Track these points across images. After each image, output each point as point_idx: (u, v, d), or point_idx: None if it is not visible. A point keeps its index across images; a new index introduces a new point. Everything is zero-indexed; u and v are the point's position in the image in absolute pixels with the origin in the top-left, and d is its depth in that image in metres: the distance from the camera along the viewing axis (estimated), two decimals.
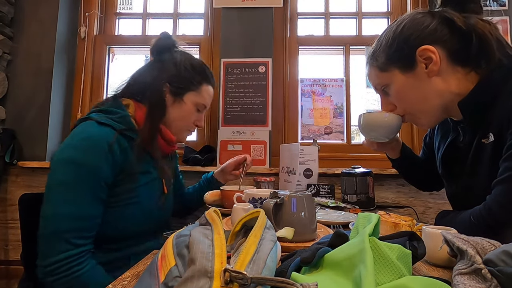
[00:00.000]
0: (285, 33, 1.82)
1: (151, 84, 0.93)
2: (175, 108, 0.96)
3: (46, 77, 1.70)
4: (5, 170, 1.63)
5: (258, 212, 0.41)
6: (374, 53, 0.82)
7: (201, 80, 0.99)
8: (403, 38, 0.75)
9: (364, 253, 0.35)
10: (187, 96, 0.97)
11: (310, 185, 1.41)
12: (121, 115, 0.86)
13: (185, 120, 0.98)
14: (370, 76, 0.86)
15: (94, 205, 0.77)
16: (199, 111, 1.01)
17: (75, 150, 0.77)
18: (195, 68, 0.98)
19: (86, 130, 0.81)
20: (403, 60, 0.76)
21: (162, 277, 0.32)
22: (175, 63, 0.96)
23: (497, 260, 0.36)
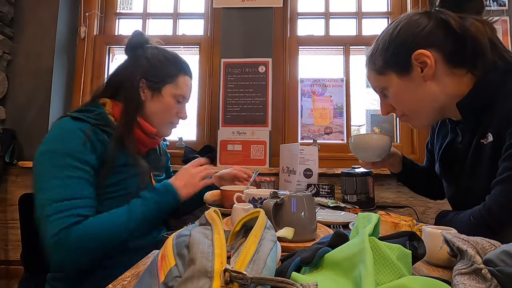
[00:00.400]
0: (285, 33, 1.82)
1: (125, 80, 0.95)
2: (154, 102, 0.97)
3: (46, 77, 1.70)
4: (5, 170, 1.63)
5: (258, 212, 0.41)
6: (372, 56, 0.83)
7: (177, 71, 1.00)
8: (399, 41, 0.76)
9: (364, 253, 0.35)
10: (165, 89, 0.98)
11: (310, 185, 1.41)
12: (97, 113, 0.89)
13: (166, 113, 0.99)
14: (369, 78, 0.87)
15: (77, 185, 0.79)
16: (180, 102, 1.02)
17: (52, 142, 0.82)
18: (169, 60, 0.99)
19: (61, 124, 0.85)
20: (400, 64, 0.77)
21: (162, 277, 0.32)
22: (148, 58, 0.97)
23: (497, 260, 0.36)
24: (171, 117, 1.01)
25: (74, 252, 0.74)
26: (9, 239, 1.63)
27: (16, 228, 1.63)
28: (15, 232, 1.63)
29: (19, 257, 0.97)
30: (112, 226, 0.80)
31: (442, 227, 0.59)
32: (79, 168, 0.80)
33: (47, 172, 0.78)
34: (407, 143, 1.74)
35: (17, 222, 0.98)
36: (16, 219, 1.59)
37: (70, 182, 0.78)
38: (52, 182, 0.77)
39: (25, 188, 1.61)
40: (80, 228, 0.75)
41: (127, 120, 0.91)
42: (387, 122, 2.31)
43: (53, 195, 0.76)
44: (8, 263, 1.61)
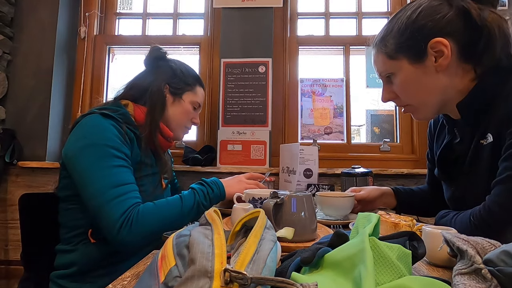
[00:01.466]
0: (285, 33, 1.82)
1: (151, 85, 1.03)
2: (175, 106, 1.07)
3: (46, 77, 1.70)
4: (5, 170, 1.63)
5: (258, 212, 0.41)
6: (383, 38, 0.78)
7: (195, 82, 1.12)
8: (417, 26, 0.72)
9: (364, 253, 0.35)
10: (185, 96, 1.08)
11: (310, 185, 1.41)
12: (121, 112, 0.94)
13: (184, 117, 1.09)
14: (376, 61, 0.82)
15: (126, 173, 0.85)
16: (195, 109, 1.13)
17: (91, 136, 0.85)
18: (189, 71, 1.12)
19: (93, 120, 0.88)
20: (414, 50, 0.73)
21: (162, 277, 0.32)
22: (172, 66, 1.08)
23: (497, 260, 0.36)
24: (187, 122, 1.11)
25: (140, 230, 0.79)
26: (9, 239, 1.63)
27: (16, 228, 1.63)
28: (15, 232, 1.63)
29: (19, 257, 0.97)
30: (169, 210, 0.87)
31: (442, 227, 0.59)
32: (122, 158, 0.85)
33: (95, 164, 0.82)
34: (407, 143, 1.74)
35: (17, 222, 0.98)
36: (16, 219, 1.59)
37: (119, 170, 0.83)
38: (104, 172, 0.81)
39: (25, 188, 1.62)
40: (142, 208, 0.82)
41: (153, 121, 0.98)
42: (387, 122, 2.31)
43: (109, 182, 0.81)
44: (8, 263, 1.61)
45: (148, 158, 0.97)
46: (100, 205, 0.79)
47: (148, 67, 1.10)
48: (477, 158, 0.74)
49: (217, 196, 0.98)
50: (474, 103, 0.73)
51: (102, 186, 0.80)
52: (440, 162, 0.87)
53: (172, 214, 0.87)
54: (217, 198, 0.98)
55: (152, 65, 1.09)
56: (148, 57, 1.10)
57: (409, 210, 1.05)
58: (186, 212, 0.88)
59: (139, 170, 0.92)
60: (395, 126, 1.84)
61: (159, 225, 0.83)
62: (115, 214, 0.78)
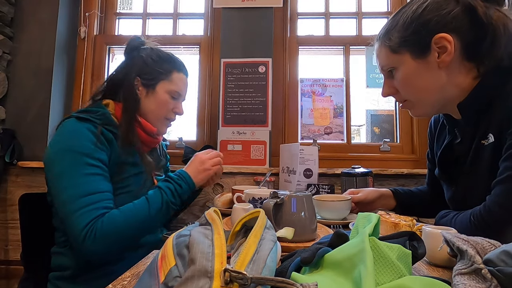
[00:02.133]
0: (285, 33, 1.82)
1: (123, 80, 0.99)
2: (149, 98, 1.00)
3: (46, 77, 1.70)
4: (5, 170, 1.63)
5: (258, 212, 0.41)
6: (388, 32, 0.78)
7: (171, 68, 1.03)
8: (423, 21, 0.72)
9: (364, 253, 0.35)
10: (159, 86, 1.01)
11: (310, 185, 1.41)
12: (101, 113, 0.92)
13: (161, 108, 1.02)
14: (379, 55, 0.82)
15: (97, 181, 0.83)
16: (175, 98, 1.04)
17: (65, 141, 0.85)
18: (162, 58, 1.03)
19: (68, 125, 0.88)
20: (418, 45, 0.73)
21: (162, 277, 0.32)
22: (142, 57, 1.01)
23: (497, 260, 0.36)
24: (167, 113, 1.04)
25: (105, 240, 0.78)
26: (9, 239, 1.63)
27: (16, 228, 1.62)
28: (15, 232, 1.63)
29: (19, 257, 0.97)
30: (135, 217, 0.83)
31: (442, 227, 0.59)
32: (95, 165, 0.83)
33: (66, 170, 0.81)
34: (407, 143, 1.74)
35: (17, 222, 0.98)
36: (16, 219, 1.59)
37: (89, 179, 0.81)
38: (74, 180, 0.80)
39: (25, 188, 1.61)
40: (107, 218, 0.79)
41: (127, 118, 0.94)
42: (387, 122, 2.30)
43: (78, 191, 0.79)
44: (8, 263, 1.61)
45: (132, 157, 0.93)
46: (67, 214, 0.79)
47: (125, 58, 1.06)
48: (477, 158, 0.74)
49: (186, 191, 0.94)
50: (475, 103, 0.73)
51: (71, 195, 0.79)
52: (440, 163, 0.87)
53: (139, 218, 0.84)
54: (186, 193, 0.94)
55: (127, 57, 1.05)
56: (125, 49, 1.05)
57: (409, 211, 1.04)
58: (154, 214, 0.85)
59: (121, 171, 0.90)
60: (395, 126, 1.83)
61: (125, 233, 0.82)
62: (79, 224, 0.77)
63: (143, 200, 0.86)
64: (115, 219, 0.80)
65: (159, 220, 0.89)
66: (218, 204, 1.14)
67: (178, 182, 0.92)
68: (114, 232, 0.80)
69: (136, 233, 0.85)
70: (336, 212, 0.97)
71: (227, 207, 1.13)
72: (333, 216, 0.96)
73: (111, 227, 0.79)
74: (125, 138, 0.91)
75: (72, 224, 0.78)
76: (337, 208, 0.97)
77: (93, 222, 0.78)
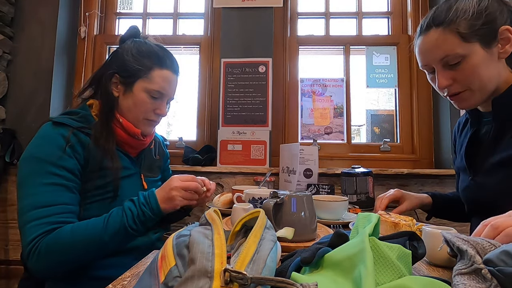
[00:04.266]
0: (285, 33, 1.82)
1: (102, 77, 0.93)
2: (127, 98, 0.92)
3: (46, 77, 1.70)
4: (5, 170, 1.63)
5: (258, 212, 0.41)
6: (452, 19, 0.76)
7: (151, 65, 0.92)
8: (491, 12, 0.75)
9: (364, 253, 0.35)
10: (137, 85, 0.92)
11: (310, 185, 1.41)
12: (81, 115, 0.88)
13: (139, 109, 0.92)
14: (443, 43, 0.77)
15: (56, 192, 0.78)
16: (155, 98, 0.94)
17: (31, 148, 0.82)
18: (142, 53, 0.93)
19: (42, 130, 0.85)
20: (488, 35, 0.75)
21: (162, 277, 0.32)
22: (123, 52, 0.93)
23: (497, 260, 0.36)
24: (146, 114, 0.94)
25: (45, 261, 0.73)
26: (9, 239, 1.63)
27: (16, 228, 1.62)
28: (15, 232, 1.62)
29: (19, 257, 0.97)
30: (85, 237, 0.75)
31: (442, 227, 0.59)
32: (57, 174, 0.78)
33: (25, 179, 0.78)
34: (407, 143, 1.74)
35: (17, 222, 0.98)
36: (16, 219, 1.59)
37: (47, 189, 0.77)
38: (29, 190, 0.77)
39: None
40: (52, 237, 0.73)
41: (103, 118, 0.89)
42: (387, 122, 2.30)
43: (30, 202, 0.76)
44: (8, 263, 1.61)
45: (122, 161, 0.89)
46: (20, 225, 0.76)
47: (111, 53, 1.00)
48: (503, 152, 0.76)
49: (150, 219, 0.81)
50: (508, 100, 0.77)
51: (25, 205, 0.76)
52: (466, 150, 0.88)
53: (90, 240, 0.75)
54: (150, 221, 0.82)
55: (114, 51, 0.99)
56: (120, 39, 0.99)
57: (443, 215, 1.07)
58: (108, 239, 0.76)
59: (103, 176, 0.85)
60: (395, 126, 1.83)
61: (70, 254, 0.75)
62: (27, 238, 0.73)
63: (100, 220, 0.78)
64: (62, 238, 0.74)
65: (115, 245, 0.79)
66: (218, 204, 1.14)
67: (141, 208, 0.81)
68: (58, 252, 0.73)
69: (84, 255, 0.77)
70: (333, 212, 0.98)
71: (227, 207, 1.13)
72: (331, 216, 0.97)
73: (55, 247, 0.73)
74: (98, 138, 0.85)
75: (22, 237, 0.75)
76: (335, 208, 0.98)
77: (39, 238, 0.73)
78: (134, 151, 0.98)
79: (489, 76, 0.77)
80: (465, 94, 0.79)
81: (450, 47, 0.76)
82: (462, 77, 0.78)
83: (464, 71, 0.77)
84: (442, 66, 0.79)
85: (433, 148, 1.68)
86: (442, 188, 1.54)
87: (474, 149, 0.86)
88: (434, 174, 1.52)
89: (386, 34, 1.85)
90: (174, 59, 0.99)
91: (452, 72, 0.78)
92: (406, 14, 1.81)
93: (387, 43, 1.80)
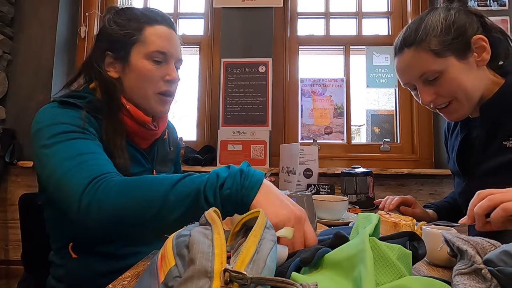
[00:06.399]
0: (285, 33, 1.82)
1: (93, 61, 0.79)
2: (128, 74, 0.78)
3: (46, 77, 1.70)
4: (5, 170, 1.63)
5: (258, 212, 0.41)
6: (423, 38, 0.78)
7: (140, 25, 0.78)
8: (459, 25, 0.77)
9: (364, 253, 0.35)
10: (133, 54, 0.77)
11: (310, 185, 1.40)
12: (88, 100, 0.76)
13: (145, 81, 0.78)
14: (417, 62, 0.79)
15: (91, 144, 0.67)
16: (159, 62, 0.79)
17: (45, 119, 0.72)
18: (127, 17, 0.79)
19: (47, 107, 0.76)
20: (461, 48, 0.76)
21: (162, 277, 0.32)
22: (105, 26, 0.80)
23: (497, 260, 0.36)
24: (156, 85, 0.79)
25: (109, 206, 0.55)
26: (9, 239, 1.63)
27: (16, 228, 1.62)
28: (15, 232, 1.63)
29: (19, 257, 0.97)
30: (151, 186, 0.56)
31: (442, 227, 0.59)
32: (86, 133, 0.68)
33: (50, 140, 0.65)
34: (407, 143, 1.74)
35: (17, 222, 0.98)
36: (16, 219, 1.59)
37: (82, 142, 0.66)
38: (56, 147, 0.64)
39: (25, 188, 1.61)
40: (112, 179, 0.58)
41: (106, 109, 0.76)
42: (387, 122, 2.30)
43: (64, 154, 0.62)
44: (8, 263, 1.61)
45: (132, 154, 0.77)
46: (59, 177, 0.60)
47: None
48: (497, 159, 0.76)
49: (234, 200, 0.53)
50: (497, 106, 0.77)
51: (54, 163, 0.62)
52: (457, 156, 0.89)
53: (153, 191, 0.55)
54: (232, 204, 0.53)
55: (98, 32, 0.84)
56: None
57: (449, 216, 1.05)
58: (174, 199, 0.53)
59: None
60: (395, 126, 1.83)
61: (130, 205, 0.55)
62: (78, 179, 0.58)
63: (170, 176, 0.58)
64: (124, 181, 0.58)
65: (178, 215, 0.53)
66: None
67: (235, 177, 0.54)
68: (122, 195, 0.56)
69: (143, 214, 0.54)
70: (333, 212, 0.98)
71: None
72: (330, 216, 0.97)
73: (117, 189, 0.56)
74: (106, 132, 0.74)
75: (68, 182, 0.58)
76: (334, 208, 0.98)
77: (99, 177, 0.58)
78: (146, 143, 0.85)
79: (472, 85, 0.77)
80: (452, 106, 0.81)
81: (425, 64, 0.78)
82: (444, 90, 0.79)
83: (445, 84, 0.78)
84: (423, 82, 0.81)
85: (433, 148, 1.68)
86: (442, 188, 1.55)
87: (465, 154, 0.86)
88: (434, 174, 1.52)
89: (386, 34, 1.85)
90: (164, 14, 0.85)
91: (433, 87, 0.80)
92: (406, 14, 1.81)
93: (387, 43, 1.80)
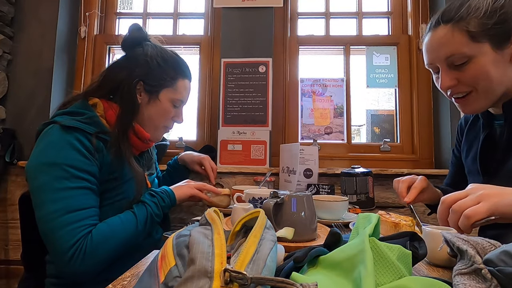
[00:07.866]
0: (285, 33, 1.82)
1: (123, 82, 0.89)
2: (151, 106, 0.93)
3: (46, 77, 1.70)
4: (5, 170, 1.62)
5: (258, 212, 0.41)
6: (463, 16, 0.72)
7: (176, 75, 0.95)
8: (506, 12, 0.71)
9: (364, 254, 0.35)
10: (162, 94, 0.94)
11: (310, 185, 1.40)
12: (87, 116, 0.84)
13: (162, 118, 0.96)
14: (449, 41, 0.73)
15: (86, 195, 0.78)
16: (176, 107, 0.98)
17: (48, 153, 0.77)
18: (167, 62, 0.94)
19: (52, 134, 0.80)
20: (500, 36, 0.71)
21: (162, 277, 0.32)
22: (147, 58, 0.92)
23: (497, 260, 0.36)
24: (167, 122, 0.99)
25: (91, 260, 0.74)
26: (9, 239, 1.62)
27: (16, 228, 1.62)
28: (15, 232, 1.62)
29: (19, 257, 0.97)
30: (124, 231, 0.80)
31: (442, 227, 0.59)
32: (83, 178, 0.78)
33: (49, 185, 0.75)
34: (407, 143, 1.73)
35: (17, 222, 0.98)
36: (16, 219, 1.59)
37: (78, 192, 0.76)
38: (57, 194, 0.74)
39: (25, 188, 1.59)
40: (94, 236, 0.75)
41: (123, 125, 0.87)
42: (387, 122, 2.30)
43: (62, 207, 0.74)
44: (8, 263, 1.61)
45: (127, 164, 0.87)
46: (50, 231, 0.73)
47: (126, 54, 0.96)
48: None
49: (168, 205, 0.93)
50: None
51: (55, 211, 0.73)
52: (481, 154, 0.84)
53: (128, 234, 0.81)
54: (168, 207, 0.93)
55: (129, 52, 0.95)
56: (126, 40, 0.95)
57: None
58: (142, 229, 0.84)
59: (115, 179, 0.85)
60: (395, 126, 1.83)
61: (114, 249, 0.78)
62: (65, 243, 0.72)
63: (130, 216, 0.83)
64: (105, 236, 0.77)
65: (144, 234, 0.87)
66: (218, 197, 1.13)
67: (162, 196, 0.91)
68: (103, 250, 0.76)
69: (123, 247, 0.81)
70: (333, 212, 0.98)
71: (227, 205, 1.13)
72: (330, 216, 0.97)
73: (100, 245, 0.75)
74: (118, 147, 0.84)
75: (57, 243, 0.72)
76: (334, 208, 0.98)
77: (81, 241, 0.73)
78: (137, 153, 0.98)
79: (498, 79, 0.72)
80: (470, 97, 0.76)
81: (456, 46, 0.73)
82: (467, 78, 0.74)
83: (470, 71, 0.73)
84: (447, 65, 0.76)
85: (433, 148, 1.68)
86: None
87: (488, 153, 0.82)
88: (434, 174, 1.52)
89: (386, 34, 1.85)
90: (190, 69, 1.02)
91: (457, 72, 0.75)
92: (406, 14, 1.81)
93: (387, 43, 1.80)
